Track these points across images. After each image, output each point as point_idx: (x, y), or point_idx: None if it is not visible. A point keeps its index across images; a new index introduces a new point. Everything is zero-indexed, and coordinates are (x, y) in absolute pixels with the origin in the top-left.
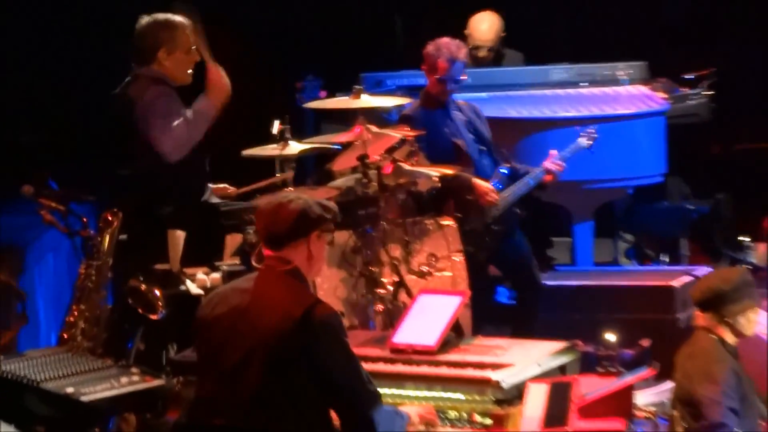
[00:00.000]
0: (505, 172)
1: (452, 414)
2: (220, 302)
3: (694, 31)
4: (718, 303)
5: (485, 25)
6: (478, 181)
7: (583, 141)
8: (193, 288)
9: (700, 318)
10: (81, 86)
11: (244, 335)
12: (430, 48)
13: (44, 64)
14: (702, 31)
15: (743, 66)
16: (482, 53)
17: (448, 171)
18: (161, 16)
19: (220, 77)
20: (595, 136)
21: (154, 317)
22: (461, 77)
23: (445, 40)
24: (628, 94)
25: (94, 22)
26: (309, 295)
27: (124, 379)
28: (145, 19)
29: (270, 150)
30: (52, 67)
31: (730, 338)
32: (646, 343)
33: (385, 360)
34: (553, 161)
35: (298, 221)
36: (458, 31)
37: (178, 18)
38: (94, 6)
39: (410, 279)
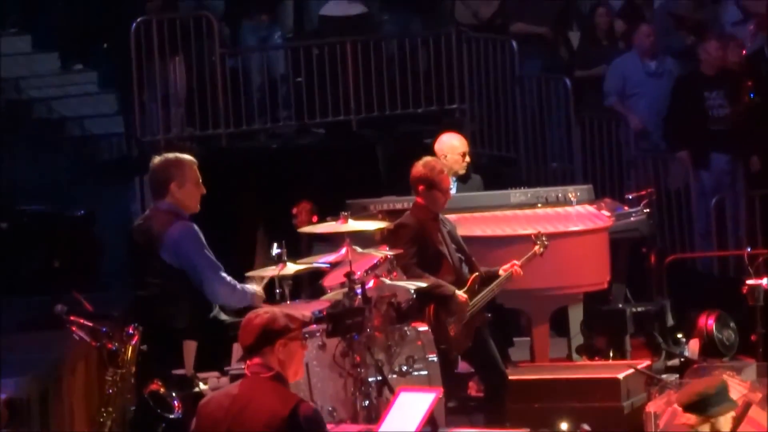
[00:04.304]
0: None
1: None
2: (214, 407)
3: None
4: (705, 406)
5: (457, 138)
6: (459, 293)
7: (537, 248)
8: (206, 390)
9: (684, 417)
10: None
11: None
12: (426, 168)
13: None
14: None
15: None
16: (467, 159)
17: (423, 284)
18: (171, 154)
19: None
20: (547, 244)
21: (172, 416)
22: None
23: (434, 160)
24: (577, 213)
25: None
26: (292, 396)
27: None
28: (157, 159)
29: (270, 271)
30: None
31: None
32: (587, 427)
33: None
34: (513, 269)
35: (262, 332)
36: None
37: (185, 156)
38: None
39: (392, 378)
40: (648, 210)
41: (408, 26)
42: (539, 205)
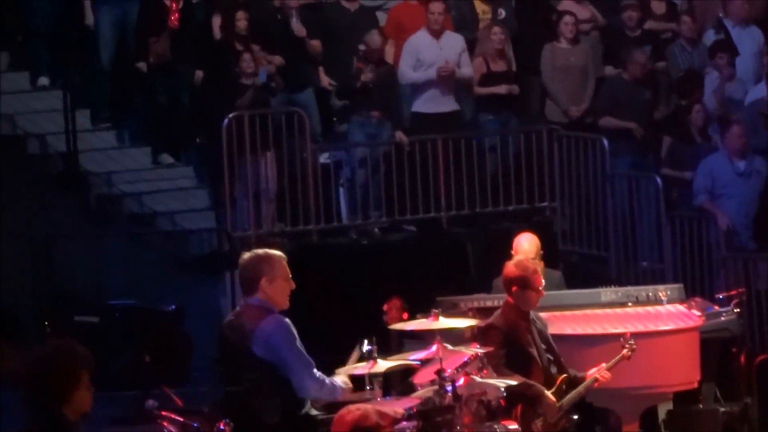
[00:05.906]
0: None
1: None
2: None
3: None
4: None
5: (527, 239)
6: (548, 395)
7: (625, 352)
8: None
9: None
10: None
11: None
12: (519, 269)
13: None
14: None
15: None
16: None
17: (513, 382)
18: (260, 250)
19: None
20: (635, 347)
21: None
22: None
23: (527, 259)
24: (668, 312)
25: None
26: None
27: None
28: (247, 255)
29: (360, 368)
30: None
31: None
32: None
33: None
34: (600, 372)
35: (354, 429)
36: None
37: (275, 251)
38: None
39: None
40: (738, 310)
41: (499, 124)
42: (630, 304)
